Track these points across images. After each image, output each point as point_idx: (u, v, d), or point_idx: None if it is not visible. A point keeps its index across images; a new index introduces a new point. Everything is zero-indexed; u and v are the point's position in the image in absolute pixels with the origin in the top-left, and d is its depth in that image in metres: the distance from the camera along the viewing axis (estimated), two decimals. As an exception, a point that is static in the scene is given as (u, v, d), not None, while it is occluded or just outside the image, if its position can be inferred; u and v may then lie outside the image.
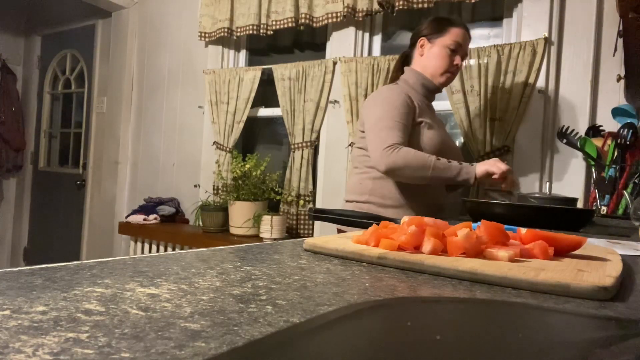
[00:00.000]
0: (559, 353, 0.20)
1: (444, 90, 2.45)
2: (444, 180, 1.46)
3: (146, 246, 2.92)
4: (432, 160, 1.45)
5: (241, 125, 2.91)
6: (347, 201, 1.67)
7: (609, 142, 1.87)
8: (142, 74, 3.40)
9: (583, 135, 1.96)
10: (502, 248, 0.51)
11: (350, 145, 2.64)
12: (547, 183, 1.43)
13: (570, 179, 2.12)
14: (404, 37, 2.78)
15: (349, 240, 0.57)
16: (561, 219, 1.08)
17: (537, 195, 1.31)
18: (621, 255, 0.59)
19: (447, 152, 1.58)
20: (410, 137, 1.53)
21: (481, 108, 2.29)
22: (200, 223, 2.77)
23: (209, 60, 3.11)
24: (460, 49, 1.72)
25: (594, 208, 1.80)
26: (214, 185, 2.97)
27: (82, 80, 3.79)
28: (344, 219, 0.86)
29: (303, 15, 2.72)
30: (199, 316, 0.27)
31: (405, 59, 1.81)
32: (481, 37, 2.56)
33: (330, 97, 2.68)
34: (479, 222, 0.59)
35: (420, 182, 1.50)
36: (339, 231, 1.64)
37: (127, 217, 3.02)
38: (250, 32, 2.87)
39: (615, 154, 1.81)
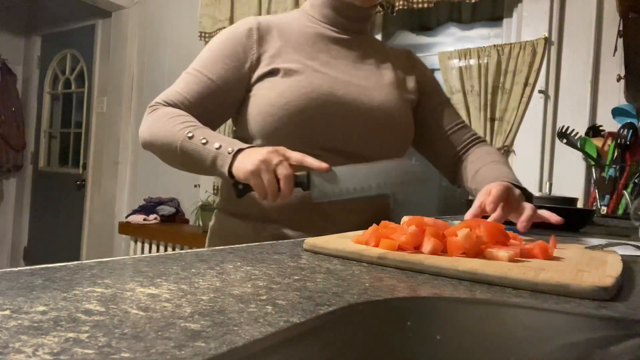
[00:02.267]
0: (559, 353, 0.20)
1: (444, 90, 2.45)
2: (201, 171, 0.85)
3: (146, 246, 2.92)
4: (181, 135, 0.82)
5: (241, 125, 2.91)
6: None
7: (609, 142, 1.87)
8: (142, 74, 3.40)
9: (583, 135, 1.96)
10: (502, 248, 0.51)
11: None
12: (547, 183, 1.42)
13: (570, 179, 2.12)
14: (404, 37, 2.78)
15: (349, 240, 0.57)
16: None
17: (537, 195, 1.31)
18: (621, 255, 0.59)
19: (327, 119, 0.89)
20: (254, 97, 0.91)
21: (481, 108, 2.29)
22: (200, 223, 2.77)
23: (209, 60, 3.11)
24: None
25: (594, 208, 1.80)
26: (214, 185, 2.97)
27: (82, 80, 3.79)
28: None
29: (303, 15, 2.72)
30: (199, 316, 0.27)
31: None
32: (481, 37, 2.56)
33: (330, 97, 2.68)
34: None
35: (179, 168, 0.91)
36: None
37: (127, 217, 3.02)
38: (250, 32, 2.88)
39: (615, 154, 1.81)
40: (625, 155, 1.79)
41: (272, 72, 0.91)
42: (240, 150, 0.80)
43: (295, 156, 0.77)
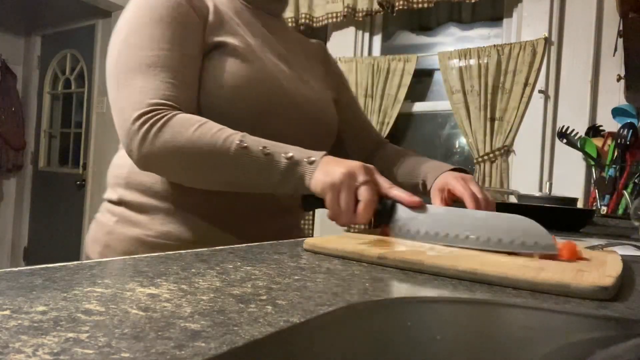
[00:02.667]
0: (559, 353, 0.20)
1: (444, 90, 2.46)
2: (260, 186, 0.70)
3: (146, 246, 2.92)
4: (230, 145, 0.68)
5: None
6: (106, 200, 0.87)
7: (609, 142, 1.87)
8: (142, 74, 3.39)
9: (583, 135, 1.97)
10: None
11: (350, 145, 2.64)
12: (547, 183, 1.42)
13: (570, 179, 2.13)
14: (404, 37, 2.78)
15: (349, 240, 0.57)
16: (561, 219, 1.08)
17: (537, 195, 1.31)
18: (621, 255, 0.59)
19: (278, 110, 0.81)
20: (203, 73, 0.77)
21: (481, 108, 2.29)
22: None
23: (209, 60, 3.11)
24: None
25: (594, 208, 1.80)
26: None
27: (82, 80, 3.79)
28: None
29: (303, 15, 2.72)
30: (199, 316, 0.27)
31: None
32: (481, 37, 2.56)
33: (330, 97, 2.69)
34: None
35: (209, 186, 0.74)
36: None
37: (127, 217, 3.02)
38: (250, 32, 2.87)
39: (615, 154, 1.82)
40: (625, 155, 1.79)
41: (219, 46, 0.78)
42: (321, 158, 0.69)
43: (384, 183, 0.66)
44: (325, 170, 0.66)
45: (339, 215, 0.65)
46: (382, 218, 0.65)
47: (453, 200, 0.78)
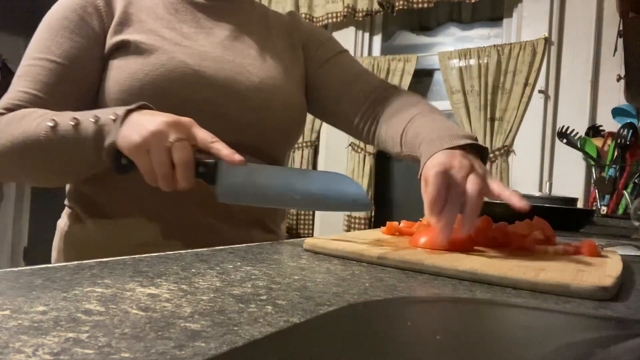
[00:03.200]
0: (559, 353, 0.20)
1: (444, 90, 2.46)
2: (82, 164, 0.65)
3: (146, 246, 2.92)
4: (41, 129, 0.62)
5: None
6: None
7: (609, 142, 1.88)
8: (142, 74, 3.40)
9: (583, 135, 1.97)
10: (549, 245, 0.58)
11: (350, 145, 2.64)
12: (547, 183, 1.42)
13: (570, 179, 2.13)
14: (404, 37, 2.78)
15: (349, 240, 0.57)
16: (561, 219, 1.08)
17: (537, 195, 1.31)
18: (621, 255, 0.59)
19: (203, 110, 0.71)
20: (105, 78, 0.73)
21: (481, 108, 2.29)
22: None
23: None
24: None
25: (594, 208, 1.80)
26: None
27: (82, 80, 3.79)
28: None
29: (303, 15, 2.72)
30: (199, 316, 0.27)
31: None
32: (481, 37, 2.56)
33: (330, 97, 2.69)
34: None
35: (48, 180, 0.73)
36: None
37: (127, 217, 3.02)
38: (250, 32, 2.87)
39: (615, 154, 1.82)
40: (625, 155, 1.79)
41: (121, 46, 0.72)
42: (129, 112, 0.60)
43: (203, 135, 0.58)
44: (133, 127, 0.57)
45: (155, 179, 0.58)
46: (206, 179, 0.59)
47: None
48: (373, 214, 2.55)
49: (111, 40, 0.73)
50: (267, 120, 0.79)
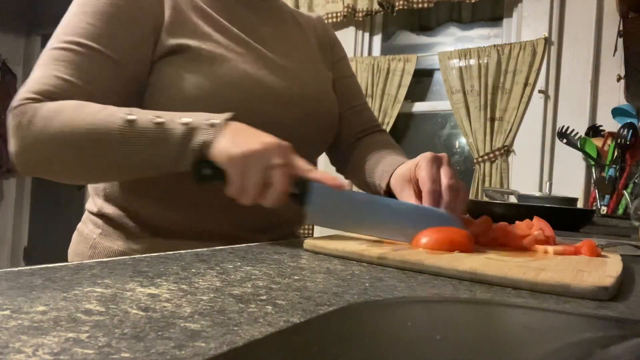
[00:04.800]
0: (559, 353, 0.20)
1: (444, 90, 2.46)
2: (154, 163, 0.60)
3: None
4: (116, 121, 0.58)
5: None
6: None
7: (609, 142, 1.88)
8: (142, 74, 3.39)
9: (583, 135, 1.97)
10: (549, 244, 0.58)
11: (350, 145, 2.64)
12: (547, 183, 1.43)
13: (570, 179, 2.13)
14: (404, 37, 2.78)
15: (349, 240, 0.57)
16: (561, 219, 1.08)
17: (537, 195, 1.31)
18: (621, 255, 0.59)
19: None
20: (157, 84, 0.68)
21: (481, 108, 2.29)
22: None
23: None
24: None
25: (594, 208, 1.80)
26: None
27: (82, 80, 3.78)
28: None
29: (303, 15, 2.72)
30: (199, 316, 0.27)
31: None
32: (481, 37, 2.56)
33: (330, 97, 2.69)
34: None
35: (100, 176, 0.68)
36: None
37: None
38: (250, 32, 2.87)
39: (615, 154, 1.82)
40: (625, 155, 1.79)
41: (178, 51, 0.68)
42: (225, 122, 0.58)
43: (303, 166, 0.58)
44: (233, 140, 0.56)
45: (242, 195, 0.57)
46: (297, 203, 0.59)
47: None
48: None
49: (167, 42, 0.67)
50: (316, 128, 0.80)
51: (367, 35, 2.75)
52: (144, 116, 0.59)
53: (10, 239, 4.19)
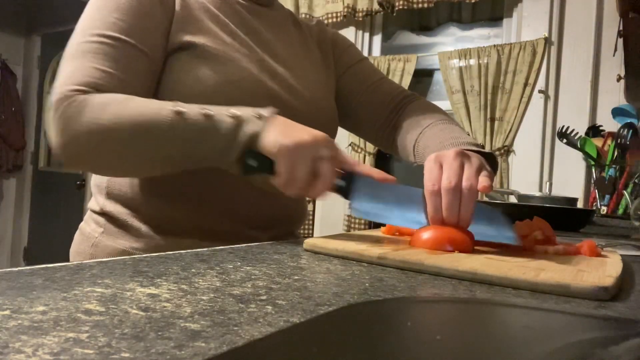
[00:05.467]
0: (559, 353, 0.20)
1: (444, 90, 2.46)
2: (202, 155, 0.61)
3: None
4: (165, 114, 0.60)
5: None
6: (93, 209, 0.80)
7: (609, 142, 1.88)
8: (142, 74, 3.39)
9: (583, 135, 1.97)
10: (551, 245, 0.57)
11: (350, 145, 2.64)
12: (547, 183, 1.43)
13: (570, 179, 2.13)
14: (404, 37, 2.78)
15: (349, 240, 0.57)
16: (561, 219, 1.08)
17: (537, 195, 1.31)
18: (621, 255, 0.59)
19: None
20: (165, 78, 0.69)
21: (481, 108, 2.29)
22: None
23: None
24: None
25: (594, 208, 1.80)
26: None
27: (82, 80, 3.78)
28: None
29: (303, 15, 2.72)
30: (199, 316, 0.27)
31: None
32: (481, 37, 2.56)
33: (330, 97, 2.69)
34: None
35: (149, 168, 0.66)
36: None
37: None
38: (250, 32, 2.87)
39: (615, 154, 1.82)
40: (625, 155, 1.79)
41: (186, 47, 0.69)
42: (272, 114, 0.60)
43: (350, 159, 0.60)
44: (283, 131, 0.58)
45: (289, 185, 0.58)
46: (342, 195, 0.60)
47: None
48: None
49: (176, 38, 0.69)
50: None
51: (367, 35, 2.75)
52: (192, 109, 0.60)
53: (10, 239, 4.19)
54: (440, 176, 0.57)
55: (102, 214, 0.76)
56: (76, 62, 0.63)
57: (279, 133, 0.57)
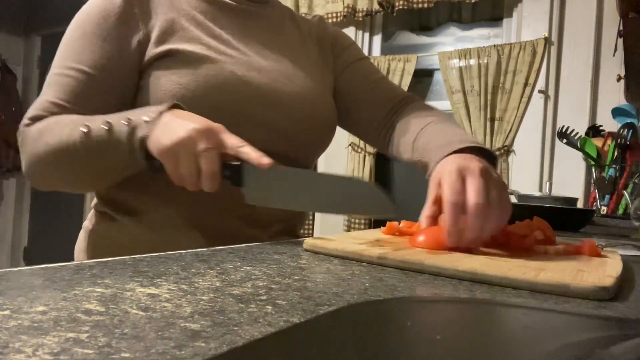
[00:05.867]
0: (559, 353, 0.20)
1: (444, 90, 2.46)
2: (118, 168, 0.66)
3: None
4: (75, 136, 0.63)
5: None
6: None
7: (609, 142, 1.88)
8: (142, 74, 3.39)
9: (583, 135, 1.97)
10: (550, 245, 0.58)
11: (350, 145, 2.64)
12: (547, 183, 1.43)
13: (570, 179, 2.13)
14: (404, 37, 2.78)
15: (349, 240, 0.57)
16: (561, 219, 1.08)
17: (537, 195, 1.31)
18: (621, 255, 0.59)
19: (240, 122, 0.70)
20: (146, 88, 0.71)
21: (481, 108, 2.29)
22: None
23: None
24: None
25: (594, 208, 1.80)
26: (214, 185, 2.96)
27: (82, 80, 3.78)
28: None
29: (303, 15, 2.72)
30: (199, 316, 0.27)
31: None
32: (481, 37, 2.56)
33: (330, 97, 2.69)
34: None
35: (90, 186, 0.77)
36: None
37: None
38: (250, 32, 2.87)
39: (615, 154, 1.82)
40: (625, 155, 1.79)
41: (167, 55, 0.70)
42: (161, 113, 0.60)
43: (233, 142, 0.58)
44: (163, 131, 0.58)
45: (182, 182, 0.59)
46: (233, 182, 0.60)
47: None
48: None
49: (155, 49, 0.71)
50: (309, 130, 0.79)
51: (367, 35, 2.75)
52: (98, 124, 0.62)
53: (10, 239, 4.19)
54: (463, 189, 0.53)
55: (103, 212, 0.77)
56: (40, 96, 0.71)
57: (160, 134, 0.58)
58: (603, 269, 0.46)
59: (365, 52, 2.73)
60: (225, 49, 0.73)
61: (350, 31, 2.70)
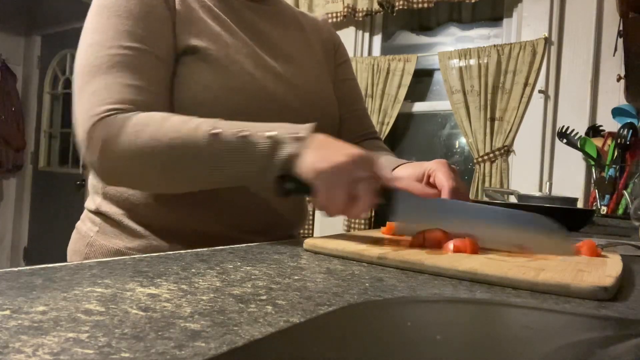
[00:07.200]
0: (559, 353, 0.20)
1: (444, 90, 2.46)
2: (240, 176, 0.61)
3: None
4: (201, 135, 0.59)
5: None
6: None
7: (609, 142, 1.87)
8: (142, 74, 3.39)
9: (583, 135, 1.97)
10: None
11: (350, 145, 2.64)
12: (547, 183, 1.42)
13: (570, 179, 2.13)
14: (404, 37, 2.78)
15: (349, 240, 0.57)
16: (561, 219, 1.08)
17: (537, 195, 1.31)
18: (621, 255, 0.59)
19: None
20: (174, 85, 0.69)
21: (481, 108, 2.29)
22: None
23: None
24: None
25: (594, 208, 1.80)
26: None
27: (82, 80, 3.78)
28: None
29: (303, 15, 2.72)
30: (199, 316, 0.27)
31: None
32: (481, 37, 2.56)
33: (330, 97, 2.68)
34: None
35: (186, 187, 0.66)
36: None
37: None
38: (250, 32, 2.87)
39: (615, 154, 1.82)
40: (625, 155, 1.79)
41: (190, 52, 0.68)
42: (302, 138, 0.58)
43: (388, 176, 0.60)
44: (319, 153, 0.56)
45: (330, 209, 0.57)
46: (383, 213, 0.59)
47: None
48: (373, 213, 2.55)
49: (181, 41, 0.68)
50: (320, 131, 0.80)
51: (367, 35, 2.74)
52: (229, 129, 0.59)
53: (10, 239, 4.19)
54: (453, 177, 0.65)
55: (98, 213, 0.76)
56: (102, 79, 0.62)
57: (315, 156, 0.56)
58: (603, 269, 0.46)
59: (365, 52, 2.73)
60: (241, 48, 0.73)
61: (350, 31, 2.70)
